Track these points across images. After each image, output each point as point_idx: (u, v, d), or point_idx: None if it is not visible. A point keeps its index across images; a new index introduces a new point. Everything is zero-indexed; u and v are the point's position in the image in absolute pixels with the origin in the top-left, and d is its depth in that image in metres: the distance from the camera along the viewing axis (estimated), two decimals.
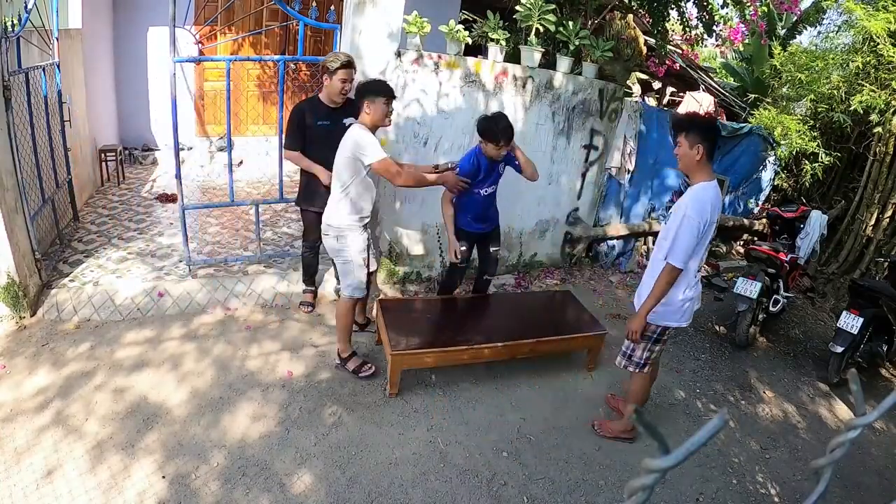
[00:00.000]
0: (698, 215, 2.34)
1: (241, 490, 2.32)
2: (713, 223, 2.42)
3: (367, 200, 2.95)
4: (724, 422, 0.42)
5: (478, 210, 3.33)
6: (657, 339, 2.64)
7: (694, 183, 2.46)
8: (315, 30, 6.23)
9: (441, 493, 2.46)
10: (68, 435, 2.49)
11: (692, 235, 2.35)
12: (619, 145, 4.89)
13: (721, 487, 2.72)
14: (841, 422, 3.43)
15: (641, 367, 2.70)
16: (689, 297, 2.55)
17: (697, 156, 2.38)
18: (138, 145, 6.66)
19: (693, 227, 2.34)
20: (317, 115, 3.28)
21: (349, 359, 3.17)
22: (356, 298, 3.05)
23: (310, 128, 3.28)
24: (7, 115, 3.09)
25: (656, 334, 2.62)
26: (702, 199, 2.37)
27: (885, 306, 3.76)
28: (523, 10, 4.06)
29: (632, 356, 2.70)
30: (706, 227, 2.38)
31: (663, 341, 2.67)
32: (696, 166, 2.42)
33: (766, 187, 6.36)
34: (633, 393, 2.84)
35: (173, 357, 3.13)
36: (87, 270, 3.78)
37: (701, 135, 2.38)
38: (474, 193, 3.26)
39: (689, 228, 2.34)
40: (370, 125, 2.82)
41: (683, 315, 2.59)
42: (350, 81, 3.21)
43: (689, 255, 2.40)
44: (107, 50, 6.03)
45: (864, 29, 4.70)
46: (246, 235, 4.68)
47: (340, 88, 3.19)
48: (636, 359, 2.69)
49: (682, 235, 2.36)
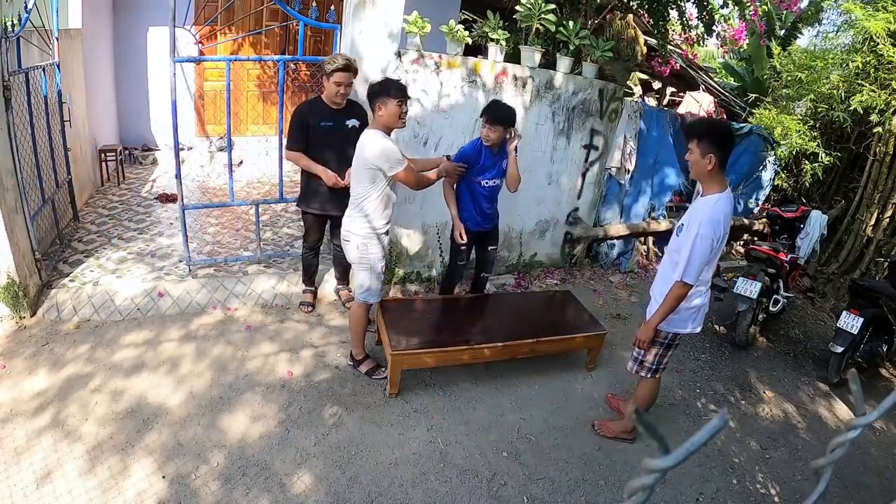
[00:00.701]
0: (712, 231, 2.27)
1: (241, 490, 2.32)
2: (726, 234, 2.37)
3: (389, 208, 2.92)
4: (725, 422, 0.42)
5: (479, 203, 3.30)
6: (668, 344, 2.62)
7: (706, 193, 2.37)
8: (315, 30, 6.24)
9: (441, 493, 2.46)
10: (68, 435, 2.49)
11: (705, 253, 2.30)
12: (620, 145, 4.89)
13: (721, 487, 2.72)
14: (841, 422, 3.43)
15: (653, 372, 2.69)
16: (700, 304, 2.54)
17: (709, 165, 2.28)
18: (138, 145, 6.66)
19: (706, 245, 2.29)
20: (319, 116, 3.26)
21: (362, 361, 3.18)
22: (370, 303, 3.05)
23: (312, 128, 3.26)
24: (7, 115, 3.08)
25: (668, 340, 2.61)
26: (715, 216, 2.29)
27: (885, 306, 3.76)
28: (523, 10, 4.06)
29: (643, 362, 2.68)
30: (719, 242, 2.33)
31: (675, 346, 2.65)
32: (707, 176, 2.33)
33: (766, 187, 6.36)
34: (639, 398, 2.82)
35: (173, 357, 3.13)
36: (87, 270, 3.78)
37: (714, 143, 2.27)
38: (475, 182, 3.24)
39: (703, 247, 2.29)
40: (384, 128, 2.76)
41: (695, 321, 2.58)
42: (348, 85, 3.18)
43: (701, 271, 2.36)
44: (107, 50, 6.03)
45: (863, 29, 4.70)
46: (246, 235, 4.68)
47: (336, 91, 3.16)
48: (648, 364, 2.67)
49: (695, 254, 2.30)
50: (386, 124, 2.75)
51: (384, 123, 2.74)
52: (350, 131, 3.30)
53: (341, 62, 3.11)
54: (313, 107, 3.29)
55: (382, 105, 2.71)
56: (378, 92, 2.71)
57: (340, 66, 3.11)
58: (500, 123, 3.07)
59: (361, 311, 3.05)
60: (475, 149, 3.20)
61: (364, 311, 3.05)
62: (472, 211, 3.33)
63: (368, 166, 2.72)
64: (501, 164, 3.25)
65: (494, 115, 3.06)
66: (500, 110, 3.08)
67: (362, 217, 2.84)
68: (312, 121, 3.25)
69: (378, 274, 2.98)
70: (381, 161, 2.70)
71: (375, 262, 2.93)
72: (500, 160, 3.25)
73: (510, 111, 3.11)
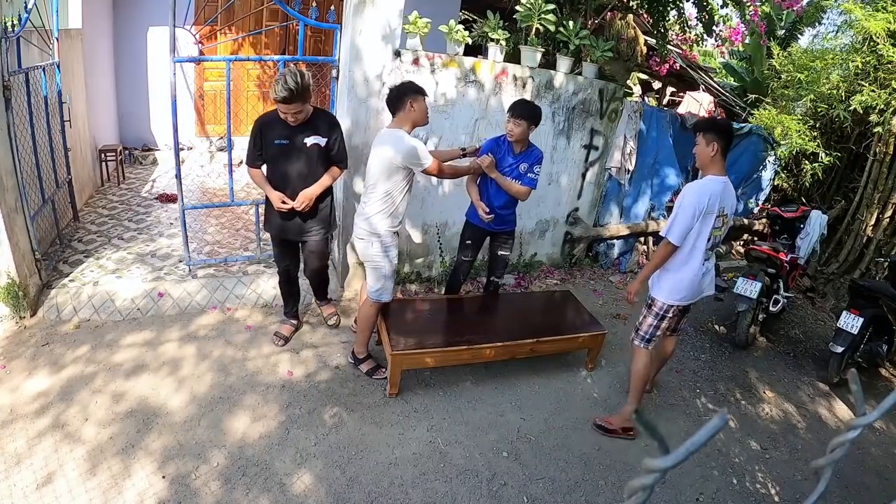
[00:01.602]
0: (696, 200, 2.62)
1: (241, 490, 2.32)
2: (713, 213, 2.66)
3: (404, 206, 2.95)
4: (725, 422, 0.42)
5: (490, 199, 3.29)
6: (662, 315, 2.86)
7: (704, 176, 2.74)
8: (315, 30, 6.24)
9: (441, 493, 2.46)
10: (68, 436, 2.49)
11: (688, 216, 2.63)
12: (619, 145, 4.89)
13: (721, 487, 2.72)
14: (841, 422, 3.43)
15: (646, 341, 2.92)
16: (692, 277, 2.77)
17: (712, 152, 2.67)
18: (138, 145, 6.67)
19: (689, 211, 2.62)
20: (273, 132, 2.92)
21: (364, 360, 3.18)
22: (382, 302, 3.05)
23: (267, 146, 2.95)
24: (7, 115, 3.08)
25: (662, 310, 2.84)
26: (700, 190, 2.65)
27: (885, 306, 3.76)
28: (523, 10, 4.06)
29: (639, 329, 2.94)
30: (702, 213, 2.63)
31: (668, 318, 2.87)
32: (709, 161, 2.70)
33: (766, 187, 6.36)
34: (635, 372, 2.95)
35: (173, 358, 3.13)
36: (87, 270, 3.78)
37: (717, 134, 2.66)
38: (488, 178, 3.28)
39: (684, 211, 2.63)
40: (412, 125, 2.82)
41: (688, 295, 2.81)
42: (296, 113, 2.81)
43: (684, 235, 2.66)
44: (107, 50, 6.04)
45: (863, 29, 4.70)
46: (246, 235, 4.68)
47: (284, 118, 2.85)
48: (642, 332, 2.93)
49: (679, 216, 2.65)
50: (416, 121, 2.83)
51: (414, 120, 2.83)
52: (309, 149, 2.95)
53: (280, 93, 2.67)
54: (269, 121, 2.95)
55: (414, 102, 2.79)
56: (411, 89, 2.79)
57: (280, 97, 2.69)
58: (523, 118, 3.12)
59: (372, 311, 3.05)
60: (497, 142, 3.28)
61: (375, 310, 3.05)
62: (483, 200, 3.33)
63: (397, 164, 2.76)
64: (519, 168, 3.26)
65: (519, 111, 3.13)
66: (523, 106, 3.16)
67: (379, 213, 2.86)
68: (266, 137, 2.93)
69: (391, 272, 2.98)
70: (411, 159, 2.76)
71: (390, 259, 2.94)
72: (518, 161, 3.25)
73: (533, 107, 3.17)
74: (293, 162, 2.97)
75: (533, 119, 3.15)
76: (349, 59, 3.59)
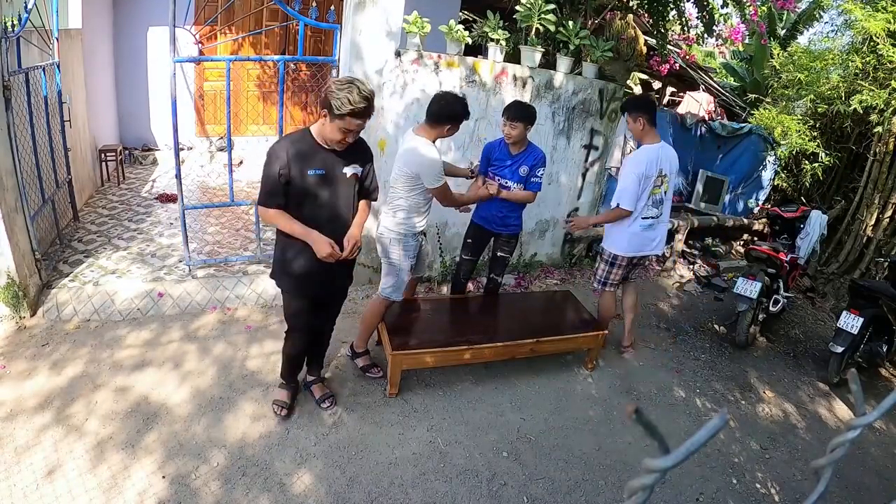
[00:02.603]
0: (635, 168, 3.10)
1: (241, 490, 2.32)
2: (651, 176, 3.11)
3: (425, 210, 2.96)
4: (725, 421, 0.42)
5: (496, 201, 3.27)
6: (610, 262, 3.40)
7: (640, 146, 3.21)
8: (315, 30, 6.23)
9: (441, 493, 2.46)
10: (68, 435, 2.49)
11: (632, 183, 3.09)
12: (620, 145, 4.89)
13: (721, 487, 2.72)
14: (841, 422, 3.43)
15: (603, 284, 3.47)
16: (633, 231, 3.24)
17: (640, 126, 3.15)
18: (138, 145, 6.67)
19: (632, 178, 3.09)
20: (306, 160, 2.26)
21: (362, 355, 3.18)
22: (391, 301, 3.04)
23: (296, 178, 2.25)
24: (7, 115, 3.08)
25: (611, 258, 3.39)
26: (637, 159, 3.13)
27: (885, 306, 3.76)
28: (523, 10, 4.06)
29: (595, 274, 3.52)
30: (645, 179, 3.10)
31: (618, 266, 3.37)
32: (641, 134, 3.19)
33: (766, 187, 6.36)
34: (602, 308, 3.57)
35: (173, 357, 3.13)
36: (87, 270, 3.79)
37: (640, 109, 3.13)
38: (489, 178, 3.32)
39: (627, 179, 3.12)
40: (435, 137, 2.83)
41: (630, 248, 3.30)
42: (359, 131, 2.28)
43: (635, 200, 3.12)
44: (107, 50, 6.04)
45: (863, 29, 4.70)
46: (246, 235, 4.68)
47: (340, 139, 2.23)
48: (598, 276, 3.50)
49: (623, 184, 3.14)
50: (440, 135, 2.85)
51: (440, 135, 2.84)
52: (348, 180, 2.39)
53: (359, 103, 2.11)
54: (299, 147, 2.26)
55: (454, 128, 2.85)
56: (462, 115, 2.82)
57: (359, 108, 2.12)
58: (519, 120, 3.13)
59: (380, 308, 3.05)
60: (493, 145, 3.33)
61: (382, 307, 3.04)
62: (483, 205, 3.36)
63: (412, 172, 2.78)
64: (518, 170, 3.26)
65: (512, 113, 3.14)
66: (517, 108, 3.17)
67: (398, 215, 2.89)
68: (298, 165, 2.24)
69: (405, 272, 2.99)
70: (423, 170, 2.77)
71: (405, 260, 2.95)
72: (517, 163, 3.25)
73: (527, 108, 3.18)
74: (331, 197, 2.35)
75: (528, 120, 3.15)
76: (349, 58, 3.58)
